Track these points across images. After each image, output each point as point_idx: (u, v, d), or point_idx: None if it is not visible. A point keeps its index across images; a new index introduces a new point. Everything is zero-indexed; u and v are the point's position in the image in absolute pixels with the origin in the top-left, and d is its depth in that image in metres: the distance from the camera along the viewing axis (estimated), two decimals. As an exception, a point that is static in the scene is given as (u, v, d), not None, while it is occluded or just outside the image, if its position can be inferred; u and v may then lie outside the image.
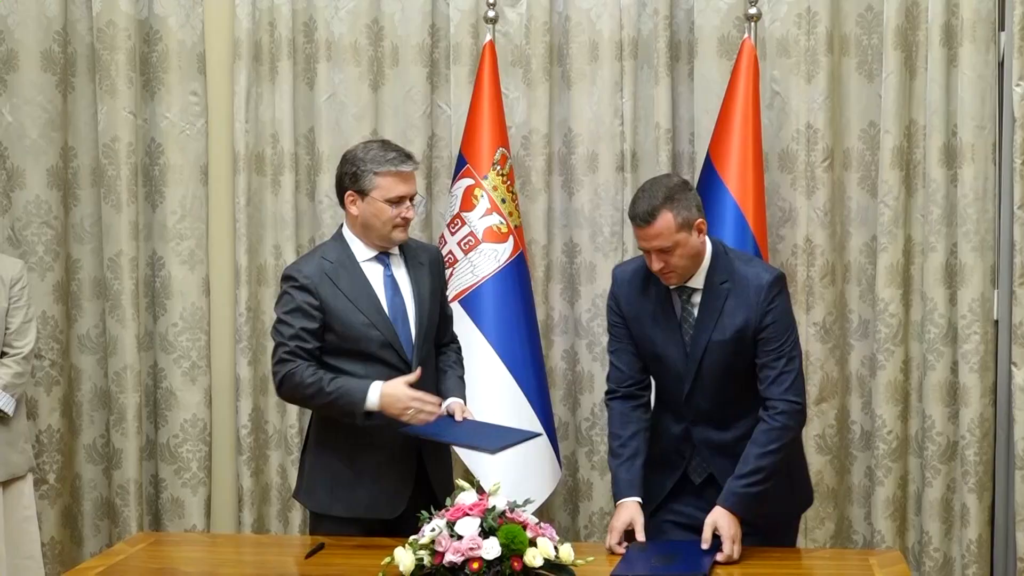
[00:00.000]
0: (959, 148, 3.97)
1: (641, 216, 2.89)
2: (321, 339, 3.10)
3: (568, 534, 4.23)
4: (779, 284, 2.99)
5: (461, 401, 3.26)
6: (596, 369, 4.28)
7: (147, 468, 4.41)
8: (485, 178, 4.00)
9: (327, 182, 4.22)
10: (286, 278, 3.15)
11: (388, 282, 3.17)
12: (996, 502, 4.08)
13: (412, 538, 2.57)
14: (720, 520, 2.87)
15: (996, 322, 4.05)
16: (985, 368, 4.01)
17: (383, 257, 3.18)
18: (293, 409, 4.32)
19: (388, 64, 4.30)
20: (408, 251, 3.24)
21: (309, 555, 2.96)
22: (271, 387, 4.36)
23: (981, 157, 3.97)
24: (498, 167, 4.02)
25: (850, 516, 4.24)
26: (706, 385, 3.01)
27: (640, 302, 3.07)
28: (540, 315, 4.19)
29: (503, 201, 4.01)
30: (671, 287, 3.00)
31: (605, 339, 4.21)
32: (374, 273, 3.16)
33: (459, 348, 3.43)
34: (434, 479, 3.21)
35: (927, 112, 4.01)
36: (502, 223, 4.00)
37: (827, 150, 4.09)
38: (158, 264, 4.39)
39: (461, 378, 3.34)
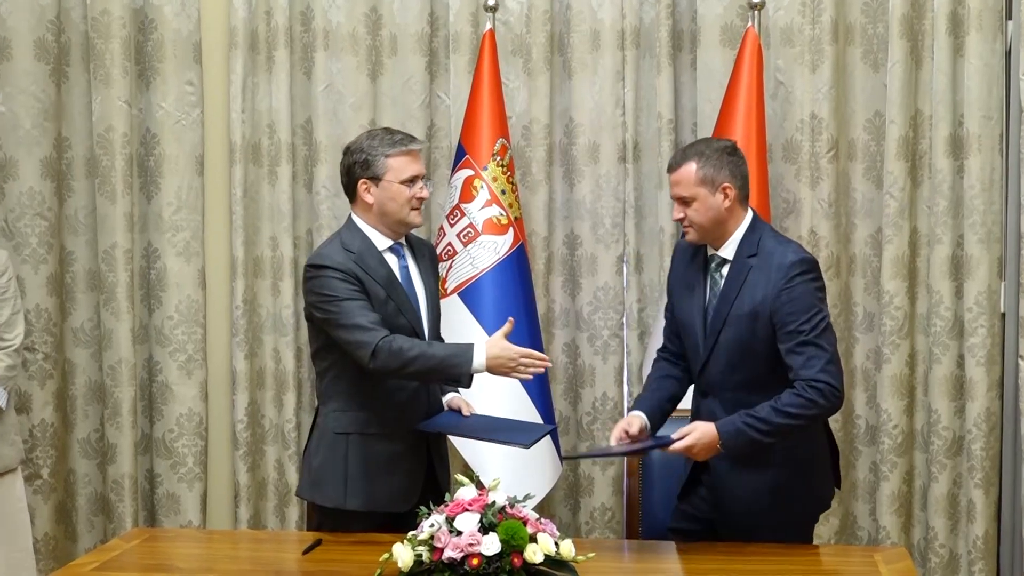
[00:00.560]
0: (965, 139, 3.94)
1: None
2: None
3: (568, 530, 4.20)
4: (802, 266, 2.95)
5: (462, 396, 3.26)
6: (597, 363, 4.25)
7: (142, 463, 4.38)
8: (485, 169, 3.97)
9: (324, 173, 4.19)
10: (318, 267, 3.07)
11: (403, 273, 3.16)
12: (1003, 497, 4.06)
13: (411, 534, 2.55)
14: (699, 428, 2.90)
15: (1003, 315, 4.02)
16: (992, 361, 3.98)
17: (398, 248, 3.17)
18: (290, 404, 4.29)
19: (386, 53, 4.26)
20: (414, 244, 3.25)
21: (306, 551, 2.93)
22: (268, 381, 4.34)
23: (988, 148, 3.94)
24: (498, 158, 3.98)
25: (855, 512, 4.21)
26: (721, 358, 3.01)
27: (684, 270, 3.15)
28: (541, 308, 4.16)
29: (503, 192, 3.97)
30: (708, 255, 3.07)
31: (606, 333, 4.22)
32: (392, 263, 3.15)
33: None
34: (439, 473, 3.21)
35: (933, 102, 3.98)
36: (502, 214, 3.96)
37: (832, 140, 4.05)
38: (153, 256, 4.35)
39: None
